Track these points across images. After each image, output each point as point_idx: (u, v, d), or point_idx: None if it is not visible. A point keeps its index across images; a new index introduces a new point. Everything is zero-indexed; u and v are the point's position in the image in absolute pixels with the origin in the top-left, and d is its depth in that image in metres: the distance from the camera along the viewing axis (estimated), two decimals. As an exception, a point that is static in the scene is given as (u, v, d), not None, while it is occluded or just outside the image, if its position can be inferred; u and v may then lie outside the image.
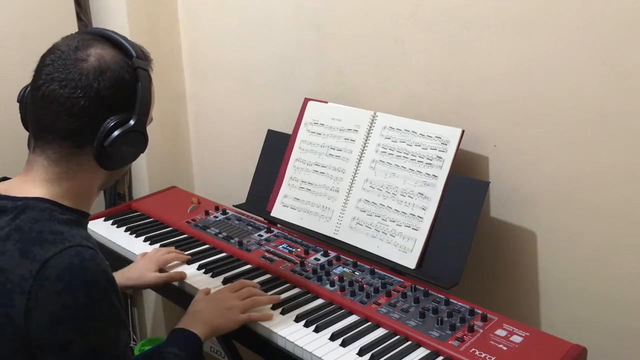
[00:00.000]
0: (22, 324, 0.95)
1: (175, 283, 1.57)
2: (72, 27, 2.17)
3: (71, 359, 0.98)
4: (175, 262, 1.63)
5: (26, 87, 1.11)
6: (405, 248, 1.53)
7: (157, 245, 1.74)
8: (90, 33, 1.11)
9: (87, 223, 1.14)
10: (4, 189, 1.07)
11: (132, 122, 1.06)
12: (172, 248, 1.68)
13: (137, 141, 1.09)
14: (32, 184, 1.07)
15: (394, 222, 1.57)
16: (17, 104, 1.14)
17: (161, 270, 1.58)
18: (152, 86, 1.14)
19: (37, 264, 0.96)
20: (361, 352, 1.24)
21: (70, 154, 1.06)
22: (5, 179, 1.13)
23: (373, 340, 1.28)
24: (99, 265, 1.00)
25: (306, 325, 1.33)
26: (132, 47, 1.10)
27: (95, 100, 1.03)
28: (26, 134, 1.13)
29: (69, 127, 1.04)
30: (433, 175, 1.53)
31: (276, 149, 1.88)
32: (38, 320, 0.95)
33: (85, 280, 0.97)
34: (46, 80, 1.04)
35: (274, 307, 1.40)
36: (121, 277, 1.52)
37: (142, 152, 1.14)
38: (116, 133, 1.05)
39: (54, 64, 1.04)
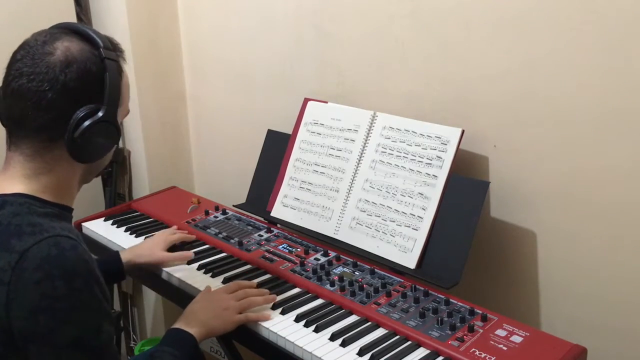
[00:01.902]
0: (3, 316, 0.96)
1: (175, 283, 1.57)
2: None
3: (52, 349, 0.98)
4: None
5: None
6: (405, 248, 1.53)
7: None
8: (59, 27, 1.12)
9: (71, 217, 1.13)
10: None
11: (101, 113, 1.06)
12: (175, 228, 1.78)
13: (109, 132, 1.09)
14: (10, 182, 1.07)
15: (394, 222, 1.57)
16: None
17: (169, 250, 1.65)
18: (126, 77, 1.15)
19: (15, 255, 0.96)
20: (361, 352, 1.24)
21: (43, 148, 1.06)
22: None
23: (373, 340, 1.28)
24: (80, 255, 1.00)
25: (306, 325, 1.33)
26: (100, 38, 1.09)
27: (62, 93, 1.03)
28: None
29: (39, 122, 1.04)
30: (433, 175, 1.53)
31: (276, 149, 1.88)
32: (18, 311, 0.96)
33: (64, 270, 0.97)
34: (15, 76, 1.04)
35: (273, 307, 1.40)
36: (131, 254, 1.59)
37: (116, 143, 1.14)
38: (85, 124, 1.05)
39: (23, 60, 1.04)
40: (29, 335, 0.97)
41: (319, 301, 1.44)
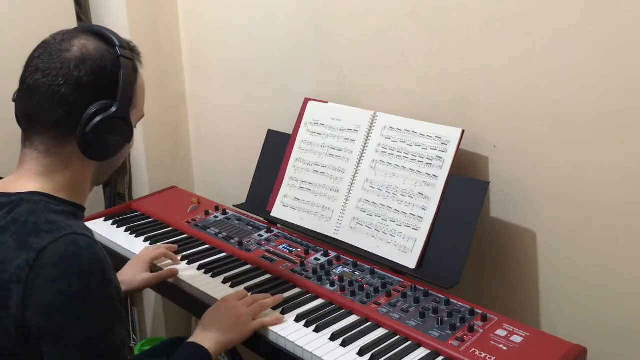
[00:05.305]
0: (19, 314, 0.96)
1: (171, 281, 1.57)
2: (72, 27, 2.17)
3: (65, 348, 0.98)
4: (167, 260, 1.63)
5: None
6: (405, 248, 1.53)
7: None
8: (79, 28, 1.15)
9: (83, 217, 1.14)
10: None
11: (113, 108, 1.06)
12: (160, 245, 1.68)
13: (121, 129, 1.09)
14: (25, 179, 1.07)
15: (394, 222, 1.57)
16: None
17: (153, 269, 1.57)
18: (141, 79, 1.15)
19: (33, 253, 0.96)
20: (361, 352, 1.24)
21: (57, 145, 1.07)
22: None
23: (373, 340, 1.28)
24: (96, 254, 1.00)
25: (306, 325, 1.33)
26: (116, 38, 1.11)
27: (76, 88, 1.04)
28: None
29: (53, 116, 1.05)
30: (433, 175, 1.53)
31: (276, 149, 1.88)
32: (34, 308, 0.96)
33: (80, 268, 0.97)
34: (31, 72, 1.06)
35: (274, 308, 1.40)
36: None
37: (128, 142, 1.13)
38: (97, 119, 1.05)
39: (40, 57, 1.06)
40: (42, 333, 0.97)
41: (319, 301, 1.44)
